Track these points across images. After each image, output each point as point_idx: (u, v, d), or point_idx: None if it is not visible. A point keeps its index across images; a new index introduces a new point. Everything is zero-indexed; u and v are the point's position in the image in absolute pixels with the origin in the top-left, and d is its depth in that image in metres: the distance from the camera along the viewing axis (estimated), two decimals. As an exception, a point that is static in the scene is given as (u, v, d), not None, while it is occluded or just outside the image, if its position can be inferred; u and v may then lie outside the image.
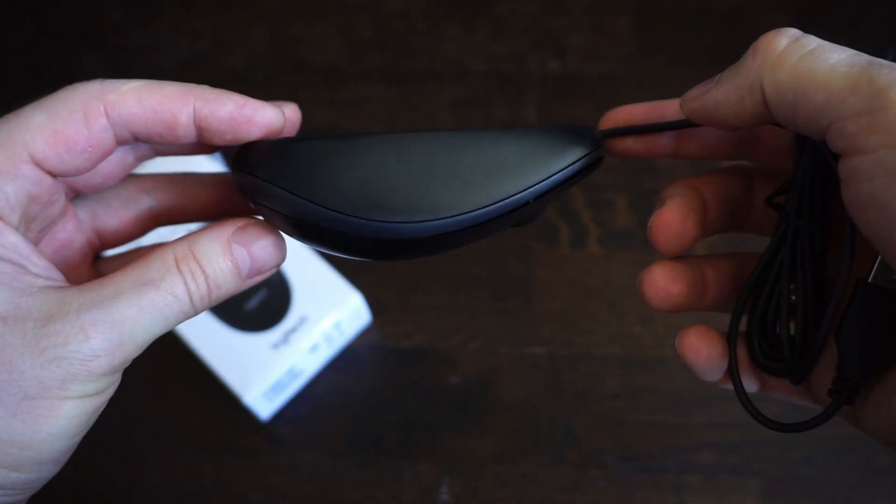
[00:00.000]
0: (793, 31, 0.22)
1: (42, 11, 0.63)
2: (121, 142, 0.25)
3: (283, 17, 0.62)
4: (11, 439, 0.22)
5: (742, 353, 0.28)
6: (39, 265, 0.24)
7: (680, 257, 0.28)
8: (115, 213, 0.29)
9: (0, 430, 0.22)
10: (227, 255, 0.25)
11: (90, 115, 0.24)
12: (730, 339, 0.28)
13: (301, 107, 0.28)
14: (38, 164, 0.24)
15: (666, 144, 0.28)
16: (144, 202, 0.29)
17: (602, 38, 0.59)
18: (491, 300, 0.51)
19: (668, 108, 0.28)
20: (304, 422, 0.49)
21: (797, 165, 0.26)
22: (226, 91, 0.26)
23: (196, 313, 0.25)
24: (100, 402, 0.24)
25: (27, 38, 0.63)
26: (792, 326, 0.27)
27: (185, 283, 0.24)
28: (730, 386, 0.28)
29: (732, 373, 0.28)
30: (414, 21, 0.61)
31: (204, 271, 0.24)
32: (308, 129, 0.29)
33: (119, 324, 0.23)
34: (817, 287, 0.26)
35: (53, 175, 0.25)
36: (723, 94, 0.24)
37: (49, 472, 0.24)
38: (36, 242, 0.26)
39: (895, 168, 0.19)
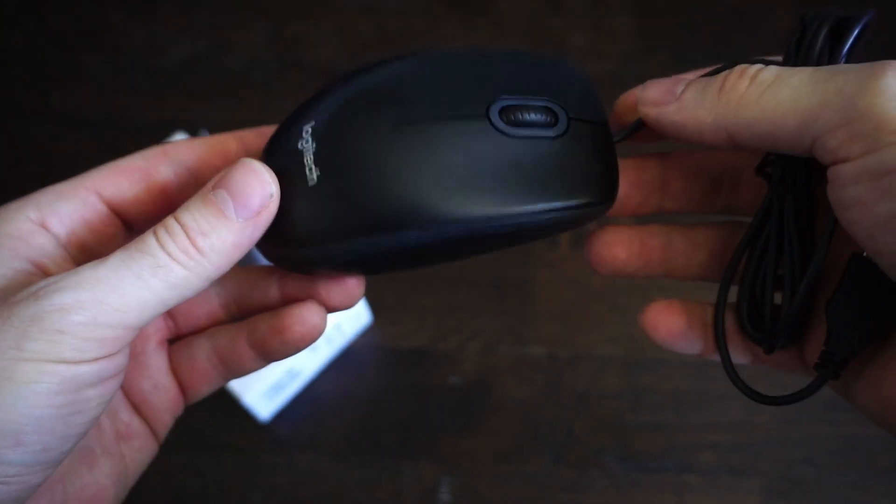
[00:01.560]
0: (753, 70, 0.23)
1: (42, 11, 0.63)
2: (181, 184, 0.27)
3: (283, 17, 0.62)
4: None
5: (730, 323, 0.28)
6: (64, 269, 0.24)
7: (640, 223, 0.29)
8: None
9: None
10: (204, 200, 0.23)
11: (151, 155, 0.27)
12: (717, 309, 0.28)
13: None
14: (97, 192, 0.26)
15: (651, 201, 0.29)
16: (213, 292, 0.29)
17: (602, 38, 0.59)
18: (491, 300, 0.51)
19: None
20: (303, 422, 0.49)
21: None
22: (265, 127, 0.28)
23: (192, 272, 0.23)
24: (68, 372, 0.21)
25: (27, 38, 0.63)
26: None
27: (157, 237, 0.23)
28: (717, 356, 0.29)
29: (718, 341, 0.28)
30: (414, 21, 0.61)
31: (179, 220, 0.23)
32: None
33: (76, 284, 0.21)
34: (805, 257, 0.26)
35: (112, 207, 0.27)
36: (681, 119, 0.24)
37: (9, 453, 0.21)
38: None
39: (877, 171, 0.20)
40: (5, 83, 0.61)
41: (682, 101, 0.24)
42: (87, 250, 0.26)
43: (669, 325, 0.29)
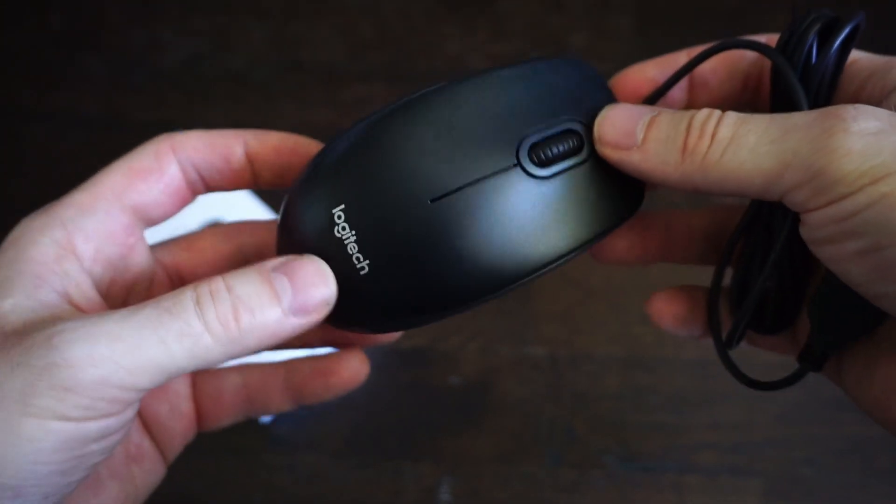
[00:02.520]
0: (711, 126, 0.23)
1: (42, 11, 0.63)
2: (190, 181, 0.27)
3: (283, 17, 0.62)
4: None
5: (726, 307, 0.29)
6: (89, 298, 0.24)
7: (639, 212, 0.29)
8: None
9: None
10: (265, 280, 0.22)
11: (160, 153, 0.27)
12: (711, 293, 0.29)
13: (301, 107, 0.29)
14: (118, 200, 0.26)
15: (679, 99, 0.29)
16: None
17: (602, 38, 0.59)
18: (491, 300, 0.51)
19: (680, 59, 0.28)
20: (304, 422, 0.49)
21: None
22: (271, 131, 0.28)
23: (219, 346, 0.21)
24: (72, 431, 0.20)
25: (27, 38, 0.63)
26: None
27: (197, 300, 0.21)
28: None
29: (711, 322, 0.29)
30: (414, 21, 0.61)
31: (232, 292, 0.21)
32: (307, 130, 0.29)
33: (93, 338, 0.20)
34: (800, 244, 0.26)
35: (134, 213, 0.26)
36: (647, 170, 0.24)
37: (9, 503, 0.20)
38: (122, 299, 0.26)
39: (840, 217, 0.21)
40: (5, 83, 0.61)
41: (645, 151, 0.24)
42: (112, 264, 0.26)
43: (674, 312, 0.30)
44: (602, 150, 0.25)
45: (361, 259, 0.23)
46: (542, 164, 0.24)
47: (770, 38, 0.27)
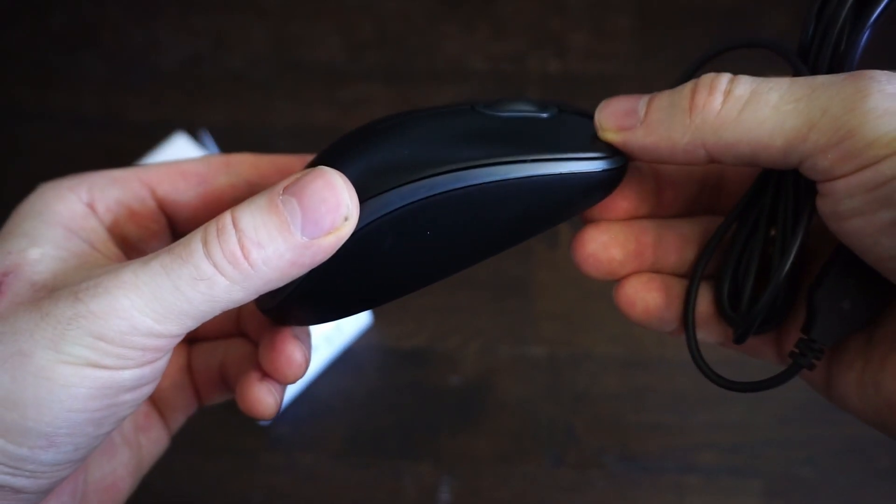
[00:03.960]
0: (724, 83, 0.22)
1: (42, 11, 0.63)
2: (237, 197, 0.26)
3: (283, 17, 0.62)
4: None
5: (706, 301, 0.26)
6: (114, 253, 0.24)
7: (628, 219, 0.27)
8: None
9: None
10: (271, 205, 0.20)
11: (213, 164, 0.26)
12: (690, 284, 0.26)
13: (301, 107, 0.29)
14: (151, 187, 0.26)
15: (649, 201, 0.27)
16: None
17: (602, 38, 0.59)
18: (491, 300, 0.51)
19: None
20: (303, 422, 0.49)
21: None
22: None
23: (235, 286, 0.20)
24: (106, 378, 0.20)
25: (27, 38, 0.63)
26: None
27: (205, 240, 0.20)
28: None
29: (687, 318, 0.26)
30: (414, 21, 0.61)
31: (238, 226, 0.20)
32: (306, 130, 0.29)
33: (112, 290, 0.20)
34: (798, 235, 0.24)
35: (163, 205, 0.26)
36: (652, 143, 0.23)
37: (41, 450, 0.20)
38: None
39: (874, 183, 0.20)
40: (5, 83, 0.61)
41: (648, 123, 0.23)
42: (128, 242, 0.26)
43: (647, 302, 0.26)
44: (605, 137, 0.24)
45: None
46: (500, 111, 0.23)
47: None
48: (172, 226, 0.27)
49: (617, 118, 0.24)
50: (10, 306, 0.21)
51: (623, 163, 0.24)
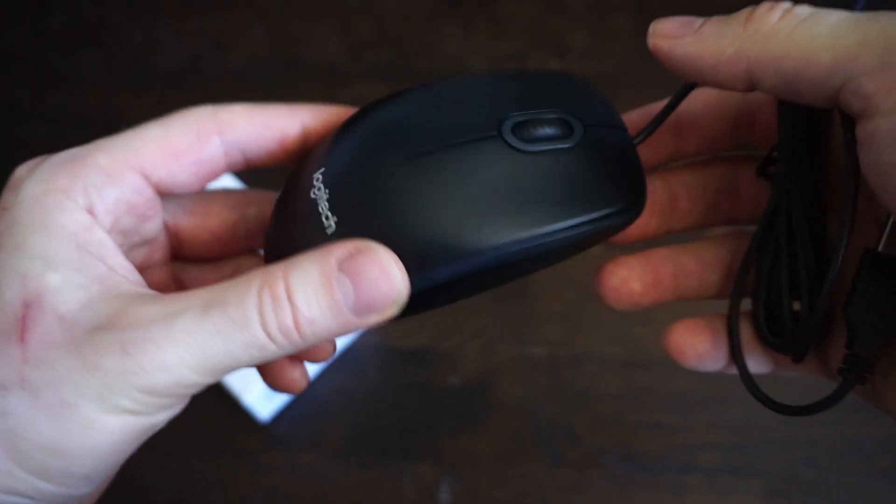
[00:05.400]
0: (786, 3, 0.21)
1: (42, 11, 0.63)
2: (231, 163, 0.26)
3: (283, 17, 0.62)
4: (42, 442, 0.20)
5: (749, 333, 0.27)
6: (123, 265, 0.23)
7: (645, 249, 0.28)
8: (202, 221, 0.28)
9: (31, 429, 0.20)
10: (326, 284, 0.21)
11: (203, 132, 0.25)
12: (730, 321, 0.27)
13: None
14: (145, 175, 0.24)
15: (668, 143, 0.27)
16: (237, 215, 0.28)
17: (602, 38, 0.59)
18: (491, 300, 0.51)
19: (659, 109, 0.27)
20: (303, 422, 0.49)
21: (782, 128, 0.25)
22: (329, 105, 0.26)
23: (282, 351, 0.21)
24: (146, 424, 0.21)
25: (27, 38, 0.63)
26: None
27: (261, 311, 0.20)
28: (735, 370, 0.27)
29: (736, 355, 0.27)
30: (414, 21, 0.61)
31: (292, 301, 0.21)
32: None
33: (164, 347, 0.20)
34: (819, 256, 0.25)
35: (158, 189, 0.25)
36: (697, 50, 0.22)
37: (79, 489, 0.22)
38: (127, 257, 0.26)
39: None
40: (5, 83, 0.61)
41: (700, 32, 0.22)
42: (125, 233, 0.25)
43: (696, 348, 0.27)
44: (654, 43, 0.23)
45: (330, 217, 0.22)
46: (526, 140, 0.23)
47: None
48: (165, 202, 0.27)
49: (673, 26, 0.23)
50: (44, 347, 0.20)
51: (643, 201, 0.25)
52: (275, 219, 0.25)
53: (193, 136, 0.25)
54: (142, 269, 0.27)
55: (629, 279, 0.28)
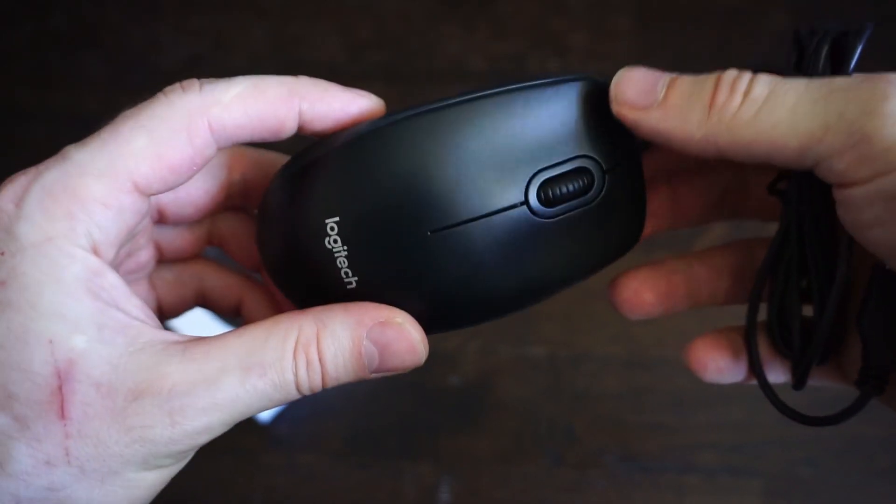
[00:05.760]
0: (744, 84, 0.22)
1: (42, 11, 0.63)
2: (222, 149, 0.25)
3: (283, 17, 0.62)
4: None
5: (766, 344, 0.27)
6: (136, 304, 0.22)
7: (658, 259, 0.29)
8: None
9: (80, 499, 0.21)
10: (356, 355, 0.22)
11: (194, 134, 0.23)
12: (748, 336, 0.27)
13: None
14: (140, 191, 0.23)
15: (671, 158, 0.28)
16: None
17: (602, 38, 0.59)
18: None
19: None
20: (303, 422, 0.49)
21: None
22: (330, 86, 0.24)
23: (301, 396, 0.23)
24: (179, 468, 0.23)
25: (27, 38, 0.63)
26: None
27: (296, 373, 0.22)
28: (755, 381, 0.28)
29: (755, 368, 0.27)
30: (414, 21, 0.61)
31: (323, 364, 0.22)
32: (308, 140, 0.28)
33: (209, 411, 0.21)
34: (830, 272, 0.25)
35: (151, 195, 0.24)
36: (666, 129, 0.23)
37: None
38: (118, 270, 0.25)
39: (893, 192, 0.19)
40: (5, 83, 0.61)
41: (666, 108, 0.23)
42: (120, 245, 0.24)
43: (717, 363, 0.28)
44: (618, 111, 0.23)
45: (350, 275, 0.23)
46: (549, 203, 0.23)
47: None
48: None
49: (635, 94, 0.23)
50: (86, 420, 0.20)
51: (641, 233, 0.26)
52: (267, 236, 0.25)
53: (185, 139, 0.23)
54: (135, 270, 0.27)
55: (642, 290, 0.29)
